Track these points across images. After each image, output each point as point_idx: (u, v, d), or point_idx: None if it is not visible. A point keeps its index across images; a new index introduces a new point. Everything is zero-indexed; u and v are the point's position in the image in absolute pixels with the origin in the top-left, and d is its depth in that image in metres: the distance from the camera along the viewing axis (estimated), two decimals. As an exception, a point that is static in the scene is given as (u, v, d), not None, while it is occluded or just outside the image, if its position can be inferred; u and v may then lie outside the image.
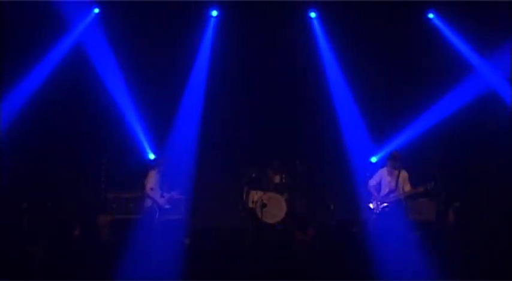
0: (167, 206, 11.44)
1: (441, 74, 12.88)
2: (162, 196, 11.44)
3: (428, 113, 12.94)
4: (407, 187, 11.21)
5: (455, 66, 12.81)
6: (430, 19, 13.00)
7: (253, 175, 13.06)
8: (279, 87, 13.48)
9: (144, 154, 13.12)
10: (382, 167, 11.53)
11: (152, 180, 11.44)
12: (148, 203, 11.39)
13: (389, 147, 12.70)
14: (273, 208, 12.49)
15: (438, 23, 12.94)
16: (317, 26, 13.19)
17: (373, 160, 13.06)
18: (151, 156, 13.07)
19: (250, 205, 12.73)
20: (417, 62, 13.04)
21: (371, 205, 11.30)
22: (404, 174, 11.26)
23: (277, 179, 13.02)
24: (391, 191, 11.19)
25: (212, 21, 13.12)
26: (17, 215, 11.24)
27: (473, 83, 12.68)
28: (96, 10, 12.74)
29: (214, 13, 13.03)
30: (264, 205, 12.41)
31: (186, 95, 13.03)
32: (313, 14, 13.17)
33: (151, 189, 11.38)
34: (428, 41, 12.90)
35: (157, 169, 11.55)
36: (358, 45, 12.96)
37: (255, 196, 12.73)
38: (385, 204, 11.13)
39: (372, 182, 11.42)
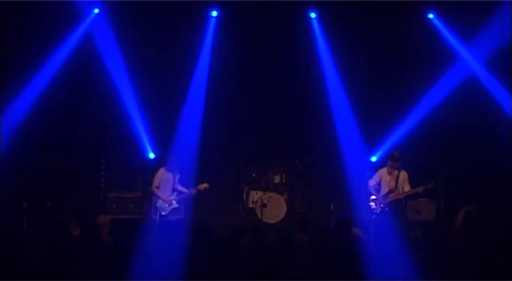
0: (175, 206, 11.45)
1: (442, 74, 12.89)
2: (174, 195, 11.45)
3: (427, 112, 12.96)
4: (407, 187, 11.23)
5: (456, 67, 12.83)
6: (430, 19, 12.99)
7: (253, 175, 13.08)
8: (280, 88, 13.48)
9: (144, 154, 13.14)
10: (382, 167, 11.55)
11: (159, 178, 11.47)
12: (154, 201, 11.46)
13: (389, 146, 12.72)
14: (273, 208, 12.51)
15: (438, 23, 12.93)
16: (317, 27, 13.19)
17: (373, 159, 13.08)
18: (152, 155, 13.08)
19: (250, 205, 12.75)
20: (418, 62, 13.04)
21: (371, 205, 11.32)
22: (404, 174, 11.28)
23: (277, 179, 13.04)
24: (391, 191, 11.21)
25: (212, 22, 13.12)
26: (17, 215, 11.24)
27: (471, 82, 12.70)
28: (96, 10, 12.74)
29: (214, 13, 13.03)
30: (264, 205, 12.43)
31: (186, 95, 13.04)
32: (313, 15, 13.17)
33: (157, 187, 11.42)
34: (428, 42, 12.89)
35: (165, 167, 11.56)
36: (359, 45, 12.96)
37: (255, 196, 12.75)
38: (386, 207, 11.18)
39: (372, 182, 11.43)
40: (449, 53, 12.82)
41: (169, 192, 11.45)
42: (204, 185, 11.45)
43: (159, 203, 11.40)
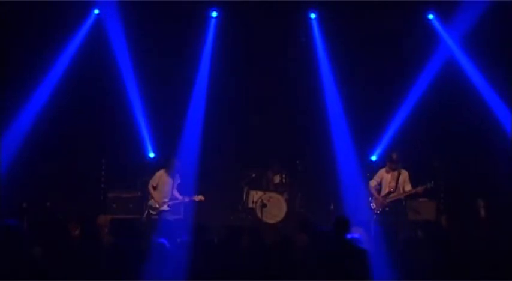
0: (165, 209, 11.49)
1: (442, 74, 12.90)
2: (172, 199, 11.47)
3: (427, 110, 12.97)
4: (408, 187, 11.25)
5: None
6: (430, 20, 12.99)
7: (253, 175, 13.09)
8: (280, 88, 13.48)
9: (144, 154, 13.14)
10: (383, 166, 11.56)
11: (158, 179, 11.52)
12: (149, 201, 11.54)
13: (389, 145, 12.74)
14: (273, 208, 12.51)
15: (437, 24, 12.93)
16: (317, 27, 13.19)
17: (373, 158, 13.10)
18: (151, 155, 13.10)
19: (250, 205, 12.75)
20: (417, 63, 13.03)
21: (372, 205, 11.34)
22: (404, 174, 11.30)
23: (277, 179, 13.04)
24: (391, 191, 11.23)
25: (212, 22, 13.13)
26: (17, 215, 11.24)
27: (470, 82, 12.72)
28: (96, 11, 12.75)
29: (214, 14, 13.04)
30: (264, 205, 12.43)
31: (186, 96, 13.04)
32: (313, 15, 13.18)
33: (153, 187, 11.48)
34: (428, 42, 12.90)
35: (167, 170, 11.59)
36: (358, 46, 12.95)
37: (255, 196, 12.75)
38: (386, 207, 11.19)
39: (373, 182, 11.46)
40: (448, 53, 12.83)
41: (165, 194, 11.50)
42: (200, 197, 11.52)
43: (151, 202, 11.51)
